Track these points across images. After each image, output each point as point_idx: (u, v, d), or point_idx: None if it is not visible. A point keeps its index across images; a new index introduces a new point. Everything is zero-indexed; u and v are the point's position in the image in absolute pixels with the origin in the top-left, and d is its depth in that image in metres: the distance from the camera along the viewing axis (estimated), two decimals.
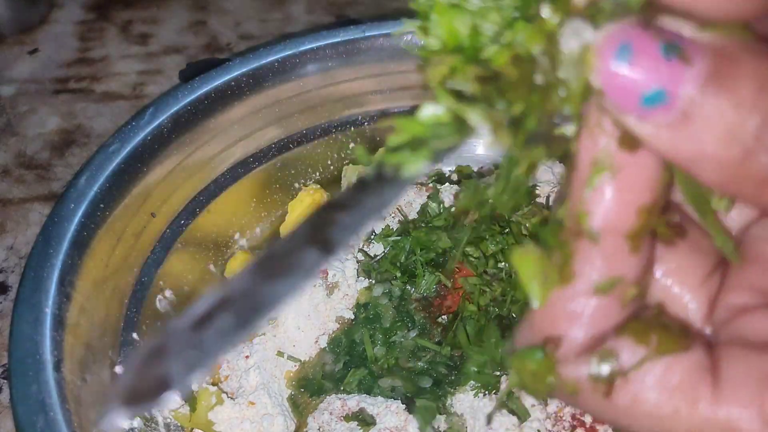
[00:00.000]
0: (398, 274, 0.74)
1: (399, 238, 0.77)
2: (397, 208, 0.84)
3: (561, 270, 0.28)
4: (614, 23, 0.24)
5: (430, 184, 0.88)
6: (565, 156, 0.29)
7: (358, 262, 0.77)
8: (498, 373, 0.67)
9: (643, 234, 0.28)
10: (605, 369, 0.28)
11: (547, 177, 0.86)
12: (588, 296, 0.28)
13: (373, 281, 0.76)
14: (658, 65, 0.24)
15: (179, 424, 0.73)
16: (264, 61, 0.84)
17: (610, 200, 0.27)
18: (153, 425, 0.70)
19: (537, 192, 0.82)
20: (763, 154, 0.24)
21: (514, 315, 0.69)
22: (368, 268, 0.77)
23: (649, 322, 0.29)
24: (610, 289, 0.28)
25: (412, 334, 0.70)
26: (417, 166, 0.27)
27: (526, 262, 0.29)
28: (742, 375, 0.27)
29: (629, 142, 0.26)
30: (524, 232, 0.72)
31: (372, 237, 0.80)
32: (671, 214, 0.31)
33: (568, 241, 0.28)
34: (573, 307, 0.28)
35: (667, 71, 0.24)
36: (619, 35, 0.24)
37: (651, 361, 0.28)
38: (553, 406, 0.67)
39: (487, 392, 0.67)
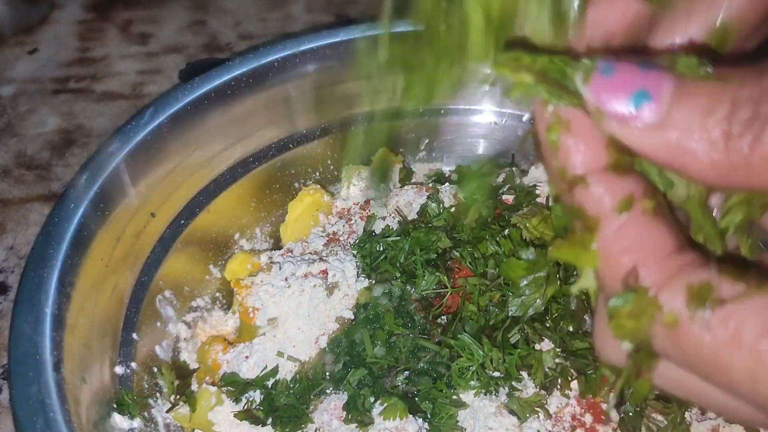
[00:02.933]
0: (398, 274, 0.74)
1: (398, 238, 0.77)
2: (396, 209, 0.84)
3: (587, 227, 0.31)
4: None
5: (430, 185, 0.88)
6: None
7: (357, 265, 0.77)
8: (497, 374, 0.67)
9: (621, 161, 0.31)
10: (702, 296, 0.28)
11: (546, 177, 0.86)
12: (621, 224, 0.30)
13: (374, 281, 0.76)
14: (637, 73, 0.30)
15: (179, 425, 0.73)
16: (264, 61, 0.83)
17: (576, 145, 0.31)
18: (153, 425, 0.70)
19: (537, 192, 0.82)
20: (739, 131, 0.27)
21: (512, 316, 0.68)
22: (368, 270, 0.77)
23: (749, 265, 0.30)
24: (630, 206, 0.30)
25: (412, 334, 0.70)
26: None
27: (563, 251, 0.32)
28: None
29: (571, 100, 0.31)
30: (524, 235, 0.72)
31: (373, 236, 0.80)
32: None
33: (569, 200, 0.31)
34: (620, 238, 0.30)
35: (645, 77, 0.30)
36: (601, 62, 0.31)
37: (753, 295, 0.28)
38: (553, 406, 0.67)
39: (487, 392, 0.67)
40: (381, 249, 0.78)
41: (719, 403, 0.31)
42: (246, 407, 0.71)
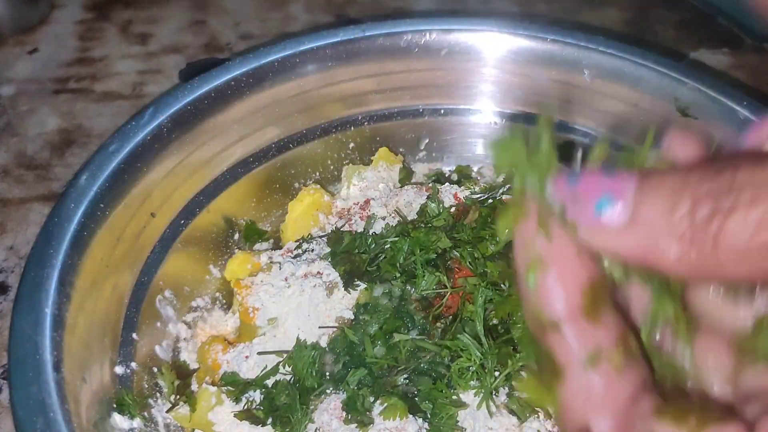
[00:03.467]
0: (398, 275, 0.74)
1: (397, 239, 0.76)
2: (396, 209, 0.84)
3: (553, 371, 0.32)
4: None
5: (429, 185, 0.88)
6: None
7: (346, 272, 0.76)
8: (497, 374, 0.67)
9: (597, 306, 0.31)
10: None
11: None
12: (585, 379, 0.31)
13: (362, 285, 0.75)
14: (600, 180, 0.31)
15: (179, 425, 0.73)
16: (264, 61, 0.83)
17: (552, 290, 0.31)
18: (153, 425, 0.70)
19: None
20: (702, 224, 0.28)
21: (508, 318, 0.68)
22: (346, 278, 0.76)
23: (686, 406, 0.31)
24: (598, 361, 0.31)
25: (412, 334, 0.70)
26: None
27: (529, 387, 0.33)
28: None
29: (549, 236, 0.32)
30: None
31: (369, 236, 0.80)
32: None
33: (540, 340, 0.32)
34: (580, 393, 0.31)
35: (609, 181, 0.31)
36: (567, 172, 0.32)
37: None
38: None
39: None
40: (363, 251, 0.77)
41: None
42: (246, 407, 0.71)
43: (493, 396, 0.67)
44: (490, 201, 0.81)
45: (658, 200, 0.29)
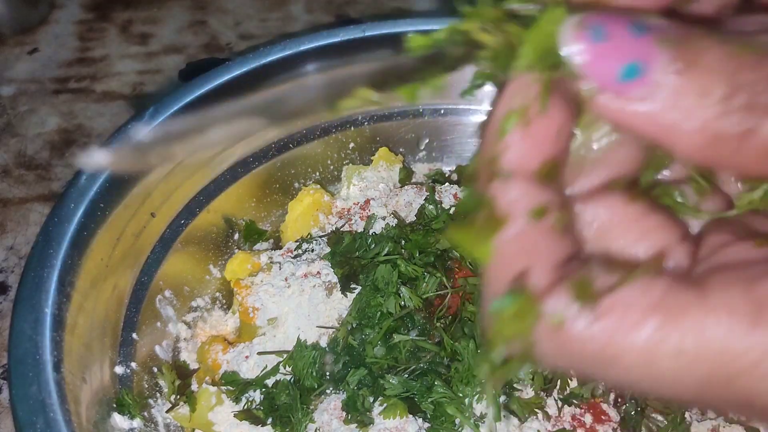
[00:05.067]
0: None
1: (392, 248, 0.76)
2: (394, 212, 0.84)
3: (491, 220, 0.30)
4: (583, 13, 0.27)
5: (430, 184, 0.88)
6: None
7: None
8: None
9: (551, 177, 0.30)
10: (583, 292, 0.28)
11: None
12: (526, 230, 0.29)
13: (359, 288, 0.75)
14: (630, 41, 0.27)
15: (179, 425, 0.73)
16: (264, 61, 0.83)
17: (520, 143, 0.29)
18: (153, 425, 0.70)
19: None
20: (734, 117, 0.26)
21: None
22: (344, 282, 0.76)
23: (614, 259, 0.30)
24: (541, 217, 0.29)
25: (412, 334, 0.70)
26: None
27: (460, 234, 0.30)
28: (725, 283, 0.27)
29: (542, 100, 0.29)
30: None
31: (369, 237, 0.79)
32: None
33: (484, 187, 0.30)
34: (520, 241, 0.29)
35: (639, 46, 0.26)
36: (590, 19, 0.27)
37: (627, 282, 0.28)
38: (554, 408, 0.67)
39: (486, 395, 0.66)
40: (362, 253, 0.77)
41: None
42: (246, 407, 0.71)
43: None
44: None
45: (690, 80, 0.26)
